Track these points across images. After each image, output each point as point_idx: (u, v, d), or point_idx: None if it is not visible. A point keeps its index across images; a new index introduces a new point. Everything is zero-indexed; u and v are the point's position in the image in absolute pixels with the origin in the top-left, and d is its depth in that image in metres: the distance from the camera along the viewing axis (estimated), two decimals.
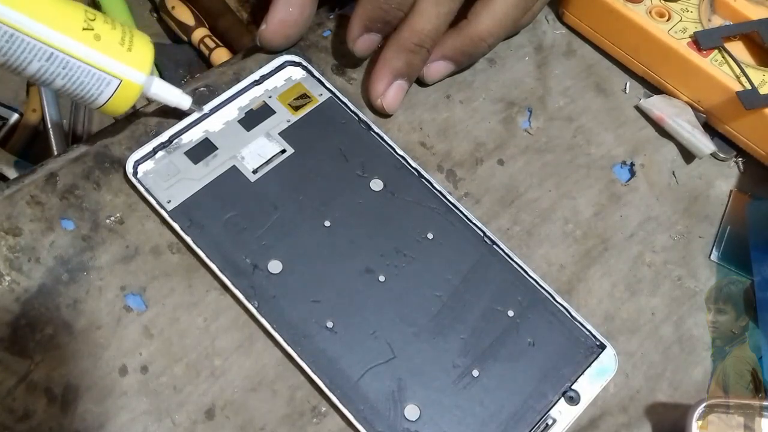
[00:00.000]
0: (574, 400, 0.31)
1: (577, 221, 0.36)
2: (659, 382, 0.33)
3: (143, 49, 0.31)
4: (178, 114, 0.34)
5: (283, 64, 0.36)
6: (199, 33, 0.49)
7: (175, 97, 0.33)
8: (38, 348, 0.29)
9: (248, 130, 0.35)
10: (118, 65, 0.30)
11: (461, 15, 0.36)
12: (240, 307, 0.31)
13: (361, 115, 0.36)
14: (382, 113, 0.37)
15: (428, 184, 0.35)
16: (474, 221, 0.34)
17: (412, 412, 0.30)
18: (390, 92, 0.36)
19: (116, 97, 0.30)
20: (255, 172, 0.34)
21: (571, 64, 0.41)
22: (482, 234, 0.34)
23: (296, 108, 0.36)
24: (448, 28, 0.36)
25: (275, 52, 0.37)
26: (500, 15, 0.36)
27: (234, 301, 0.31)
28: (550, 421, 0.30)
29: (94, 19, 0.30)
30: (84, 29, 0.29)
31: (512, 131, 0.38)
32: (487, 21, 0.36)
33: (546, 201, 0.37)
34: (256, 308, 0.31)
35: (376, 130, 0.35)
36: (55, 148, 0.54)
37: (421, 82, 0.38)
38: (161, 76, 0.50)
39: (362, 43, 0.36)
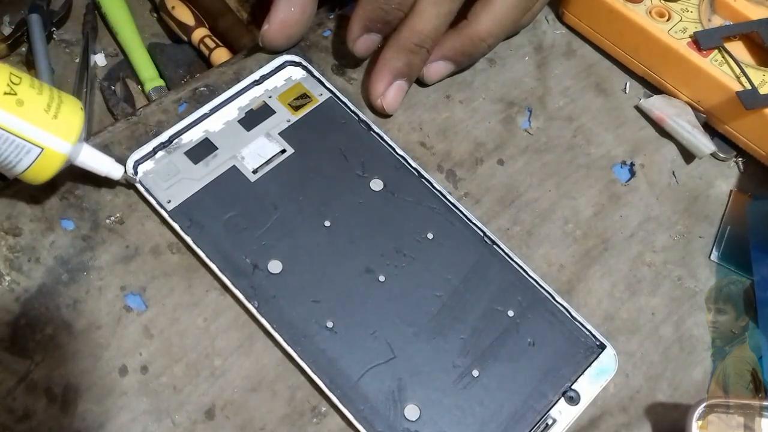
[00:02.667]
0: (574, 400, 0.31)
1: (577, 221, 0.36)
2: (659, 382, 0.33)
3: (71, 117, 0.29)
4: (178, 114, 0.34)
5: (283, 64, 0.36)
6: (199, 33, 0.49)
7: (105, 166, 0.31)
8: (38, 348, 0.29)
9: (248, 130, 0.35)
10: (40, 133, 0.28)
11: (461, 15, 0.36)
12: (240, 307, 0.31)
13: (361, 115, 0.36)
14: (382, 113, 0.37)
15: (428, 184, 0.35)
16: (474, 221, 0.34)
17: (412, 412, 0.30)
18: (390, 92, 0.36)
19: (36, 166, 0.29)
20: (255, 172, 0.34)
21: (571, 64, 0.41)
22: (482, 234, 0.34)
23: (296, 108, 0.36)
24: (448, 28, 0.36)
25: (277, 52, 0.37)
26: (500, 15, 0.36)
27: (234, 301, 0.31)
28: (550, 421, 0.30)
29: (18, 83, 0.28)
30: (5, 93, 0.28)
31: (512, 131, 0.38)
32: (487, 21, 0.36)
33: (546, 201, 0.37)
34: (256, 308, 0.31)
35: (376, 130, 0.35)
36: None
37: (420, 83, 0.38)
38: (161, 76, 0.50)
39: (362, 43, 0.36)
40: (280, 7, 0.35)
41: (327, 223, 0.33)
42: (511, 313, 0.32)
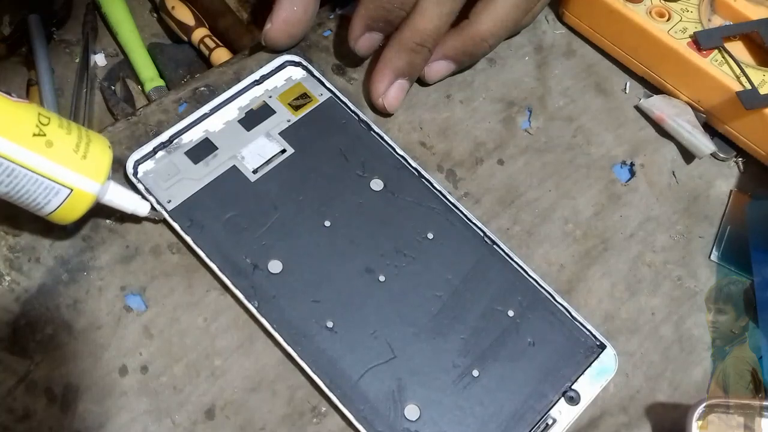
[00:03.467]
0: (574, 400, 0.31)
1: (577, 221, 0.36)
2: (659, 382, 0.33)
3: (100, 156, 0.29)
4: (178, 114, 0.34)
5: (283, 64, 0.36)
6: (199, 33, 0.49)
7: (132, 203, 0.31)
8: (38, 348, 0.29)
9: (248, 130, 0.35)
10: (69, 174, 0.28)
11: (462, 15, 0.36)
12: (240, 307, 0.31)
13: (361, 115, 0.36)
14: (383, 112, 0.37)
15: (428, 184, 0.35)
16: (474, 221, 0.34)
17: (412, 412, 0.30)
18: (391, 91, 0.36)
19: (65, 206, 0.28)
20: (255, 172, 0.34)
21: (571, 64, 0.41)
22: (482, 234, 0.34)
23: (296, 108, 0.36)
24: (449, 28, 0.36)
25: (279, 51, 0.37)
26: (501, 15, 0.36)
27: (234, 301, 0.31)
28: (550, 421, 0.30)
29: (47, 123, 0.28)
30: (35, 135, 0.27)
31: (512, 131, 0.38)
32: (488, 21, 0.36)
33: (546, 201, 0.37)
34: (256, 308, 0.31)
35: (376, 130, 0.35)
36: None
37: (421, 82, 0.38)
38: (161, 76, 0.50)
39: (364, 42, 0.36)
40: (283, 6, 0.35)
41: (327, 223, 0.33)
42: (511, 313, 0.32)
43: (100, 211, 0.32)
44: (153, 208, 0.31)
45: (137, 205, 0.31)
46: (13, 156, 0.26)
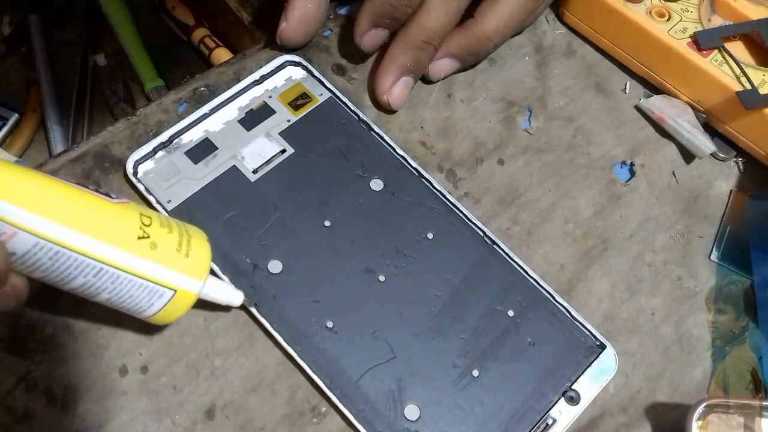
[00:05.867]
0: (574, 400, 0.31)
1: (577, 221, 0.36)
2: (659, 382, 0.33)
3: (201, 253, 0.28)
4: (178, 114, 0.34)
5: (283, 63, 0.36)
6: (199, 33, 0.50)
7: (227, 295, 0.29)
8: (38, 348, 0.29)
9: (248, 130, 0.35)
10: (174, 275, 0.26)
11: (467, 14, 0.36)
12: (240, 306, 0.31)
13: (361, 115, 0.36)
14: (387, 109, 0.37)
15: (428, 184, 0.35)
16: (474, 221, 0.34)
17: (412, 411, 0.30)
18: (396, 88, 0.36)
19: (167, 308, 0.27)
20: (255, 171, 0.34)
21: (571, 64, 0.41)
22: (482, 234, 0.34)
23: (296, 108, 0.36)
24: (455, 26, 0.36)
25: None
26: (507, 15, 0.36)
27: None
28: (550, 421, 0.30)
29: (149, 224, 0.26)
30: (139, 238, 0.26)
31: (512, 131, 0.38)
32: (494, 20, 0.36)
33: (546, 201, 0.37)
34: (256, 308, 0.31)
35: (376, 129, 0.35)
36: (55, 148, 0.54)
37: (424, 80, 0.38)
38: (161, 76, 0.50)
39: (369, 38, 0.36)
40: (297, 4, 0.35)
41: (327, 223, 0.33)
42: (511, 313, 0.32)
43: None
44: (247, 296, 0.30)
45: (232, 297, 0.29)
46: (119, 262, 0.25)
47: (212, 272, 0.30)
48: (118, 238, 0.25)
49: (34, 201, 0.23)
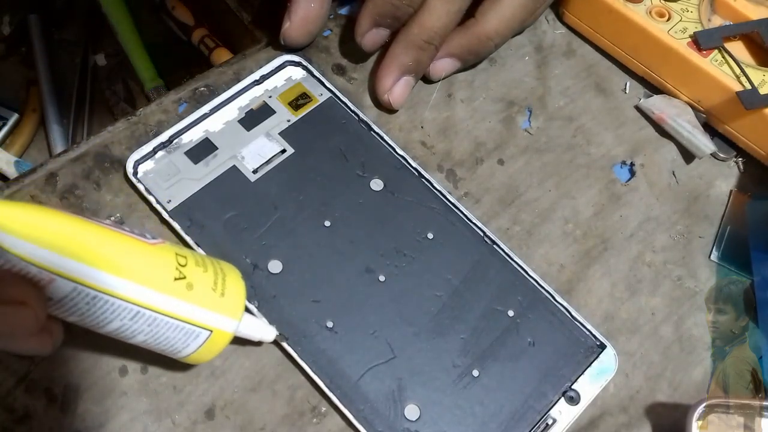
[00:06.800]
0: (574, 399, 0.31)
1: (577, 221, 0.36)
2: (659, 382, 0.33)
3: (236, 291, 0.27)
4: (178, 114, 0.34)
5: (283, 63, 0.36)
6: (199, 33, 0.49)
7: (260, 332, 0.29)
8: None
9: (248, 130, 0.35)
10: (210, 316, 0.26)
11: (468, 14, 0.36)
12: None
13: (361, 114, 0.36)
14: (388, 108, 0.37)
15: (428, 184, 0.35)
16: (474, 221, 0.34)
17: (412, 411, 0.30)
18: (397, 88, 0.36)
19: (203, 349, 0.27)
20: (255, 171, 0.34)
21: (571, 64, 0.41)
22: (482, 234, 0.34)
23: (296, 108, 0.36)
24: (456, 26, 0.36)
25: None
26: (508, 15, 0.36)
27: None
28: (550, 421, 0.30)
29: (185, 264, 0.26)
30: (176, 279, 0.25)
31: (512, 131, 0.38)
32: (495, 20, 0.36)
33: (546, 201, 0.37)
34: (256, 308, 0.31)
35: (376, 129, 0.35)
36: (55, 148, 0.54)
37: (425, 79, 0.38)
38: (161, 76, 0.50)
39: (370, 37, 0.36)
40: (301, 3, 0.35)
41: (327, 223, 0.33)
42: (511, 313, 0.32)
43: (99, 210, 0.32)
44: (279, 333, 0.30)
45: (265, 333, 0.29)
46: (156, 305, 0.25)
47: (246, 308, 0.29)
48: (155, 281, 0.25)
49: (71, 247, 0.23)
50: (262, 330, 0.29)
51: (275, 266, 0.32)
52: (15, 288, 0.22)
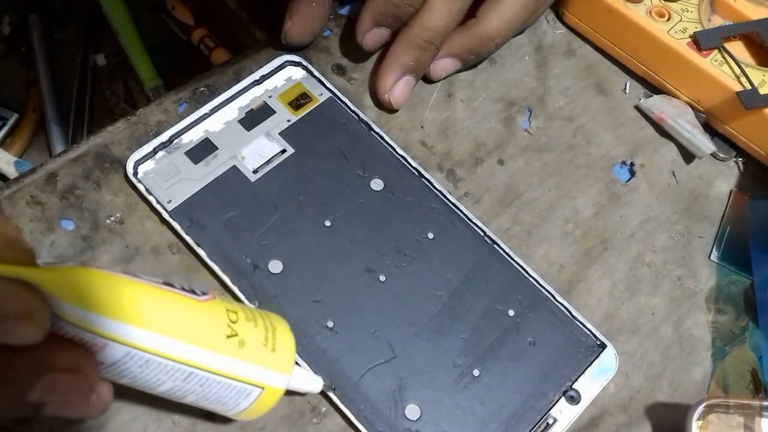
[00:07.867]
0: (574, 399, 0.31)
1: (577, 221, 0.36)
2: (659, 382, 0.33)
3: (286, 346, 0.26)
4: (178, 114, 0.34)
5: (283, 63, 0.36)
6: (199, 33, 0.49)
7: (309, 384, 0.28)
8: None
9: (248, 130, 0.35)
10: (262, 373, 0.25)
11: (469, 13, 0.36)
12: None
13: (361, 114, 0.36)
14: (388, 108, 0.37)
15: (428, 184, 0.35)
16: (474, 221, 0.34)
17: (412, 411, 0.30)
18: (397, 87, 0.36)
19: (254, 406, 0.26)
20: (255, 172, 0.34)
21: (571, 64, 0.41)
22: (482, 234, 0.34)
23: (296, 108, 0.36)
24: (457, 26, 0.36)
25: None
26: (509, 15, 0.36)
27: (235, 300, 0.31)
28: (550, 421, 0.30)
29: (236, 321, 0.25)
30: (228, 337, 0.24)
31: (512, 131, 0.38)
32: (496, 21, 0.36)
33: (546, 201, 0.37)
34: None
35: (377, 129, 0.35)
36: (55, 148, 0.54)
37: (425, 79, 0.38)
38: (161, 76, 0.50)
39: (371, 37, 0.36)
40: (302, 3, 0.35)
41: (327, 223, 0.33)
42: (511, 313, 0.32)
43: (99, 210, 0.32)
44: (326, 382, 0.29)
45: (313, 385, 0.28)
46: (209, 365, 0.24)
47: None
48: (208, 341, 0.24)
49: (124, 311, 0.22)
50: (311, 382, 0.28)
51: (276, 266, 0.32)
52: (69, 355, 0.22)
